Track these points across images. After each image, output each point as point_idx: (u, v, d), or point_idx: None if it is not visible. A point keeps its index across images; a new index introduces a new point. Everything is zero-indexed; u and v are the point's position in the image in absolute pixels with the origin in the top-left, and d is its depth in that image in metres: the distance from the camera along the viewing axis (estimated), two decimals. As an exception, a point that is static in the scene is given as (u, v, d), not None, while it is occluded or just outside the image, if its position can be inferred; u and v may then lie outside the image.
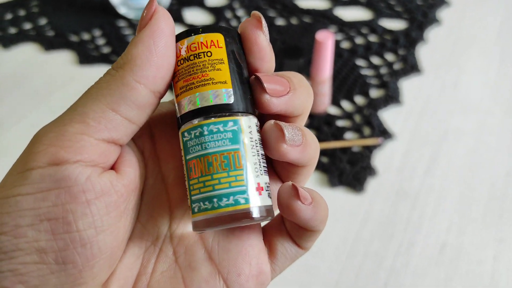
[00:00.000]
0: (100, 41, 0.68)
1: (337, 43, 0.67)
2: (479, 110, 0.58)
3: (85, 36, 0.69)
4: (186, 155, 0.19)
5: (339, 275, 0.43)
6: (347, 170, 0.51)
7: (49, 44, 0.68)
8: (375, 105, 0.58)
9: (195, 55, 0.19)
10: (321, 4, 0.74)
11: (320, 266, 0.44)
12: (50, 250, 0.16)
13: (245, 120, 0.19)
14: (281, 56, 0.51)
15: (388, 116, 0.57)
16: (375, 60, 0.65)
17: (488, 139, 0.55)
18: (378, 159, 0.52)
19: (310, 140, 0.19)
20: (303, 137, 0.19)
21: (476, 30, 0.69)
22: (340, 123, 0.57)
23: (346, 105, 0.59)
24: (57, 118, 0.18)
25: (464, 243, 0.46)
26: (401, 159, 0.53)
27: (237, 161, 0.18)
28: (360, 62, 0.65)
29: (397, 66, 0.64)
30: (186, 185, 0.19)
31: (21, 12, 0.72)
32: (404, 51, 0.66)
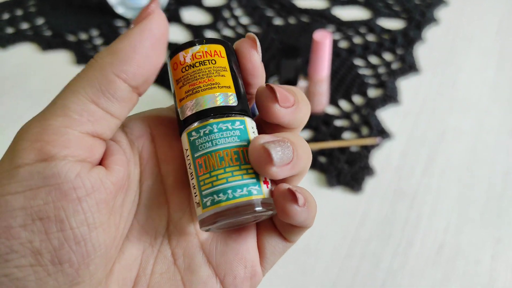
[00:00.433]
0: (98, 41, 0.68)
1: (335, 42, 0.67)
2: (478, 109, 0.58)
3: (83, 36, 0.69)
4: (194, 153, 0.19)
5: (336, 276, 0.43)
6: (345, 170, 0.51)
7: (46, 44, 0.67)
8: (373, 104, 0.58)
9: (200, 62, 0.20)
10: (319, 4, 0.73)
11: (316, 267, 0.44)
12: (45, 250, 0.16)
13: (249, 121, 0.20)
14: (279, 56, 0.51)
15: (386, 115, 0.57)
16: (373, 59, 0.65)
17: (487, 138, 0.55)
18: (376, 159, 0.52)
19: (301, 153, 0.19)
20: (293, 153, 0.19)
21: (474, 29, 0.69)
22: (338, 122, 0.56)
23: (344, 104, 0.59)
24: (39, 113, 0.18)
25: (462, 242, 0.46)
26: (399, 159, 0.53)
27: (246, 156, 0.19)
28: (358, 61, 0.64)
29: (395, 66, 0.64)
30: (194, 183, 0.19)
31: (18, 12, 0.72)
32: (402, 51, 0.65)
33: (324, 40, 0.50)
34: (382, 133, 0.55)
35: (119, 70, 0.18)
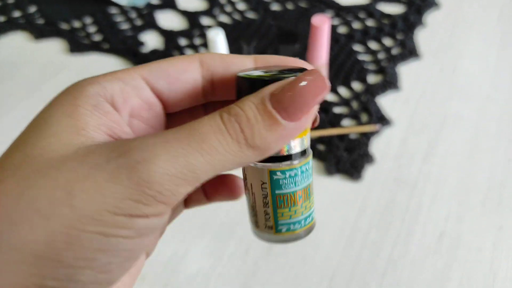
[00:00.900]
0: (91, 29, 0.67)
1: (334, 28, 0.65)
2: (479, 96, 0.57)
3: (76, 24, 0.67)
4: (275, 189, 0.21)
5: (336, 266, 0.43)
6: (344, 157, 0.50)
7: (39, 33, 0.66)
8: (372, 91, 0.57)
9: None
10: (318, -12, 0.72)
11: (316, 257, 0.43)
12: None
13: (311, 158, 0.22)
14: (276, 42, 0.50)
15: (386, 102, 0.56)
16: (373, 45, 0.64)
17: (488, 125, 0.54)
18: (376, 146, 0.52)
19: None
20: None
21: (476, 14, 0.68)
22: (337, 109, 0.56)
23: (343, 91, 0.58)
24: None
25: (463, 231, 0.45)
26: (399, 146, 0.52)
27: (311, 191, 0.22)
28: (357, 47, 0.63)
29: (395, 51, 0.62)
30: (268, 212, 0.21)
31: (10, 0, 0.70)
32: (402, 36, 0.64)
33: (323, 25, 0.49)
34: (382, 120, 0.54)
35: None
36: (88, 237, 0.14)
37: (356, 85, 0.58)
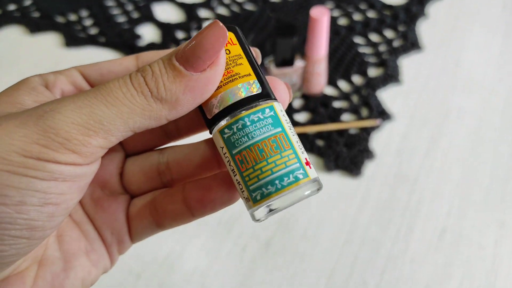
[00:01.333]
0: (88, 22, 0.66)
1: (334, 19, 0.64)
2: (482, 89, 0.56)
3: (72, 17, 0.66)
4: (232, 150, 0.19)
5: (335, 263, 0.42)
6: (344, 153, 0.49)
7: (34, 26, 0.65)
8: (373, 84, 0.56)
9: None
10: (318, -21, 0.70)
11: (315, 254, 0.43)
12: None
13: (277, 105, 0.20)
14: (274, 35, 0.48)
15: (387, 96, 0.55)
16: (374, 37, 0.62)
17: (491, 119, 0.53)
18: (376, 142, 0.51)
19: None
20: None
21: (479, 5, 0.66)
22: (337, 104, 0.55)
23: (343, 85, 0.57)
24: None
25: (465, 227, 0.44)
26: (400, 141, 0.51)
27: (284, 142, 0.19)
28: (358, 39, 0.62)
29: (396, 43, 0.61)
30: (238, 180, 0.19)
31: (5, -7, 0.69)
32: (404, 27, 0.63)
33: (322, 17, 0.48)
34: (382, 114, 0.53)
35: None
36: None
37: (356, 79, 0.57)
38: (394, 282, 0.41)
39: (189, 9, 0.67)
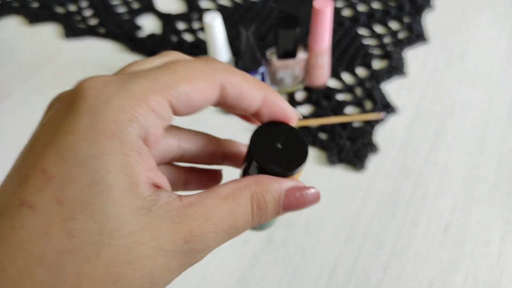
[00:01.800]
0: (87, 13, 0.65)
1: (338, 10, 0.63)
2: (488, 82, 0.55)
3: (71, 8, 0.65)
4: None
5: (337, 258, 0.41)
6: (347, 147, 0.48)
7: (33, 17, 0.64)
8: (377, 77, 0.55)
9: None
10: (321, -30, 0.69)
11: (317, 249, 0.42)
12: None
13: None
14: (277, 26, 0.47)
15: (391, 88, 0.54)
16: (378, 28, 0.61)
17: (498, 112, 0.52)
18: (380, 135, 0.50)
19: None
20: None
21: (486, -5, 0.65)
22: (340, 96, 0.54)
23: (346, 77, 0.56)
24: None
25: (470, 223, 0.43)
26: (405, 135, 0.50)
27: None
28: (362, 31, 0.61)
29: (401, 35, 0.60)
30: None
31: (4, -17, 0.68)
32: (409, 19, 0.62)
33: (325, 8, 0.46)
34: (386, 107, 0.52)
35: None
36: None
37: (360, 71, 0.56)
38: (398, 278, 0.40)
39: (191, 0, 0.66)
